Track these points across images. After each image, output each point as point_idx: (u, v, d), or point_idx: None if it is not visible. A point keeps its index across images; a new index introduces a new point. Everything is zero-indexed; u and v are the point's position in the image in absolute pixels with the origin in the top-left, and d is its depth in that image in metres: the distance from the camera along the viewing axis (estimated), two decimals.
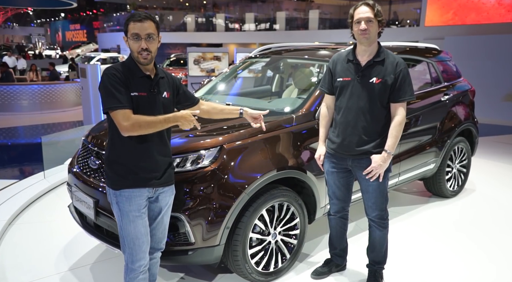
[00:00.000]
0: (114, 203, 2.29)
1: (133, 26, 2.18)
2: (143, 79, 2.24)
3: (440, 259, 3.43)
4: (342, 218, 3.02)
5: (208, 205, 2.65)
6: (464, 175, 4.80)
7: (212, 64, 12.63)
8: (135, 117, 2.13)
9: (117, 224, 2.32)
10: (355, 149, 2.67)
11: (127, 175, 2.25)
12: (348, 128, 2.67)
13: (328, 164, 2.86)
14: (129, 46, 2.23)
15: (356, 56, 2.65)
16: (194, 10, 31.04)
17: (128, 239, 2.29)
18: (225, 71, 4.61)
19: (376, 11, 2.50)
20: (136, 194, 2.26)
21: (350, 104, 2.65)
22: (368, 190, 2.75)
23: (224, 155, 2.76)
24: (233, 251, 2.80)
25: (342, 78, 2.68)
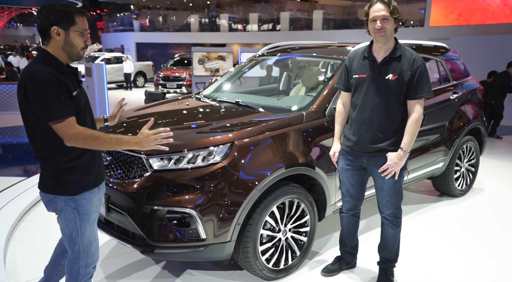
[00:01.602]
0: (70, 209, 2.12)
1: (83, 21, 2.04)
2: (71, 75, 2.09)
3: (449, 258, 3.42)
4: (354, 216, 3.00)
5: (220, 201, 2.65)
6: (472, 174, 4.78)
7: (216, 64, 12.65)
8: (80, 128, 1.99)
9: (69, 232, 2.16)
10: (371, 146, 2.65)
11: (86, 177, 2.14)
12: (364, 126, 2.65)
13: (343, 161, 2.84)
14: (71, 41, 2.02)
15: (372, 53, 2.63)
16: (198, 10, 31.09)
17: (85, 242, 2.18)
18: (232, 70, 4.61)
19: (392, 8, 2.46)
20: (94, 194, 2.19)
21: (365, 101, 2.63)
22: (383, 187, 2.73)
23: (235, 151, 2.76)
24: (244, 248, 2.80)
25: (358, 75, 2.66)
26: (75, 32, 2.02)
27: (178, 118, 3.50)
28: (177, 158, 2.72)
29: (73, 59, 2.09)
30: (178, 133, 3.02)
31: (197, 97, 4.02)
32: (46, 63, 2.00)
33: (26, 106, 1.99)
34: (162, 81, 15.12)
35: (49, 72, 1.95)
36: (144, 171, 2.73)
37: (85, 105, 2.16)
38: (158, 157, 2.72)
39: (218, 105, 3.64)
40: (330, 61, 4.03)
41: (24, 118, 2.05)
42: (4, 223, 3.64)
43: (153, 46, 27.15)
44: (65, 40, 2.01)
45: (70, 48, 2.03)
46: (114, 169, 2.88)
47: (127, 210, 2.70)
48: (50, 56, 2.03)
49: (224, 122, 3.12)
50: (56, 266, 2.53)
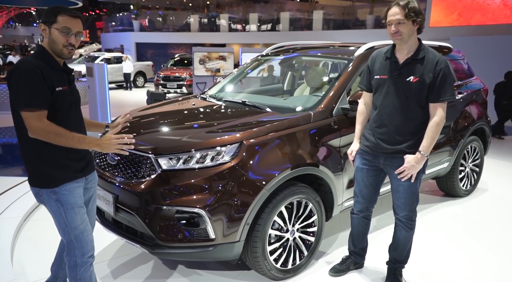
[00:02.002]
0: (53, 201, 2.20)
1: (66, 19, 2.12)
2: (61, 72, 2.18)
3: (455, 258, 3.42)
4: (364, 218, 2.98)
5: (229, 201, 2.65)
6: (476, 174, 4.79)
7: (217, 64, 12.64)
8: (47, 122, 2.05)
9: (58, 223, 2.24)
10: (388, 147, 2.63)
11: (64, 169, 2.20)
12: (382, 127, 2.64)
13: (360, 160, 2.82)
14: (53, 38, 2.13)
15: (395, 54, 2.60)
16: (197, 10, 31.08)
17: (76, 232, 2.24)
18: (236, 71, 4.61)
19: (407, 11, 2.41)
20: (75, 185, 2.24)
21: (385, 103, 2.61)
22: (398, 189, 2.70)
23: (244, 151, 2.75)
24: (253, 248, 2.80)
25: (379, 76, 2.65)
26: (55, 29, 2.12)
27: (185, 118, 3.49)
28: (186, 157, 2.72)
29: (58, 56, 2.17)
30: (187, 133, 3.03)
31: (202, 97, 4.02)
32: (38, 57, 2.13)
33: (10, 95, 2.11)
34: (163, 81, 15.09)
35: (35, 64, 2.06)
36: (152, 171, 2.73)
37: (72, 105, 2.22)
38: (167, 157, 2.72)
39: (224, 105, 3.64)
40: (335, 61, 4.03)
41: (12, 109, 2.15)
42: (10, 223, 3.63)
43: (153, 46, 27.11)
44: (49, 37, 2.14)
45: (52, 45, 2.14)
46: (122, 169, 2.87)
47: (136, 210, 2.69)
48: (43, 51, 2.16)
49: (232, 122, 3.11)
50: (62, 262, 2.54)
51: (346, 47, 4.09)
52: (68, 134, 2.10)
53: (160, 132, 3.15)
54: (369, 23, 21.66)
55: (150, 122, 3.34)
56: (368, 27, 21.58)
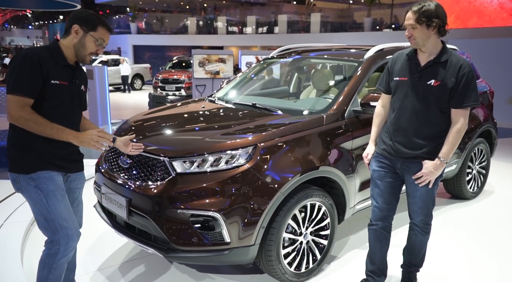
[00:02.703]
0: (32, 188, 2.18)
1: (105, 32, 2.24)
2: (65, 68, 2.22)
3: (469, 261, 3.42)
4: (383, 230, 2.75)
5: (244, 204, 2.63)
6: (483, 176, 4.79)
7: (217, 67, 12.61)
8: (28, 110, 2.06)
9: (40, 211, 2.20)
10: (406, 151, 2.54)
11: (42, 158, 2.19)
12: (400, 130, 2.55)
13: (375, 163, 2.73)
14: (84, 43, 2.21)
15: (417, 56, 2.52)
16: (195, 13, 31.08)
17: (60, 219, 2.20)
18: (244, 72, 4.60)
19: (418, 15, 2.36)
20: (55, 174, 2.23)
21: (404, 106, 2.53)
22: (415, 194, 2.60)
23: (258, 154, 2.74)
24: (267, 251, 2.78)
25: (398, 78, 2.57)
26: (91, 37, 2.20)
27: (197, 121, 3.48)
28: (200, 160, 2.70)
29: (78, 58, 2.24)
30: (200, 136, 3.01)
31: (210, 100, 4.00)
32: (46, 49, 2.19)
33: None
34: (161, 83, 15.04)
35: (36, 53, 2.10)
36: (166, 174, 2.71)
37: (67, 102, 2.23)
38: (181, 160, 2.70)
39: (234, 107, 3.62)
40: (345, 63, 4.03)
41: None
42: (18, 227, 3.59)
43: (150, 48, 27.06)
44: (80, 39, 2.20)
45: (80, 48, 2.21)
46: (135, 172, 2.84)
47: (150, 214, 2.66)
48: (55, 46, 2.21)
49: (245, 125, 3.10)
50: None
51: (355, 49, 4.09)
52: (47, 124, 2.09)
53: (173, 135, 3.12)
54: (366, 25, 21.73)
55: (162, 125, 3.31)
56: (365, 29, 21.63)
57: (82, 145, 2.18)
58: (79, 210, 2.51)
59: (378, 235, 2.77)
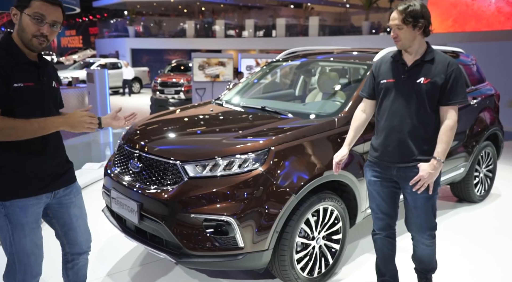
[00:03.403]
0: (1, 215, 1.90)
1: (41, 5, 1.83)
2: (27, 66, 1.89)
3: (478, 264, 3.39)
4: (389, 238, 2.68)
5: (258, 209, 2.60)
6: (490, 180, 4.79)
7: (217, 70, 12.60)
8: (2, 118, 1.76)
9: (3, 239, 1.95)
10: (401, 156, 2.44)
11: (20, 181, 1.90)
12: (393, 133, 2.45)
13: (370, 173, 2.61)
14: (23, 25, 1.84)
15: (402, 56, 2.46)
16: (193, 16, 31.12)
17: (21, 254, 1.94)
18: (250, 75, 4.58)
19: (404, 15, 2.30)
20: (32, 202, 1.93)
21: (395, 108, 2.44)
22: (416, 204, 2.47)
23: (271, 158, 2.71)
24: (280, 256, 2.74)
25: (386, 80, 2.48)
26: (26, 16, 1.83)
27: (207, 124, 3.45)
28: (213, 164, 2.67)
29: (27, 47, 1.88)
30: (212, 139, 2.99)
31: (218, 103, 3.97)
32: (2, 45, 1.87)
33: None
34: (160, 87, 14.98)
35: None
36: (179, 178, 2.67)
37: (41, 103, 1.94)
38: (193, 164, 2.67)
39: (243, 111, 3.60)
40: (354, 66, 4.01)
41: None
42: None
43: (148, 52, 27.04)
44: (19, 23, 1.86)
45: (21, 33, 1.86)
46: (146, 176, 2.81)
47: (163, 218, 2.63)
48: (8, 40, 1.88)
49: (256, 128, 3.07)
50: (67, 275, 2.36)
51: (363, 52, 4.08)
52: (24, 123, 1.79)
53: (185, 138, 3.09)
54: (364, 29, 21.83)
55: (172, 129, 3.27)
56: (363, 33, 21.72)
57: (74, 130, 1.92)
58: (81, 224, 2.23)
59: (384, 243, 2.70)
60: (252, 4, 30.86)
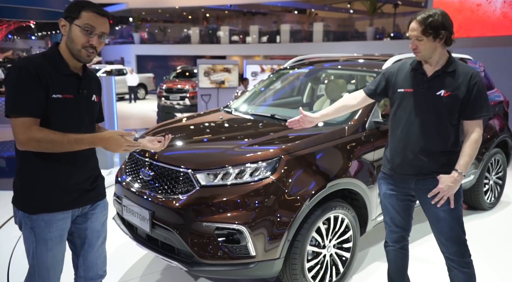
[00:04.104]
0: (27, 228, 1.90)
1: (91, 16, 1.84)
2: (69, 78, 1.88)
3: (490, 272, 3.37)
4: (402, 249, 2.60)
5: (269, 217, 2.60)
6: (500, 187, 4.76)
7: (222, 76, 12.64)
8: (36, 130, 1.75)
9: (27, 250, 1.96)
10: (418, 169, 2.34)
11: (48, 194, 1.88)
12: (410, 146, 2.35)
13: (385, 186, 2.51)
14: (72, 36, 1.84)
15: (422, 65, 2.36)
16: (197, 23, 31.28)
17: (41, 268, 1.94)
18: (259, 83, 4.60)
19: (424, 27, 2.19)
20: (57, 217, 1.91)
21: (412, 119, 2.34)
22: (438, 217, 2.35)
23: (283, 166, 2.72)
24: (292, 265, 2.74)
25: (403, 89, 2.38)
26: (76, 27, 1.83)
27: (217, 132, 3.46)
28: (224, 173, 2.67)
29: (76, 58, 1.88)
30: (223, 147, 2.99)
31: (227, 111, 3.98)
32: (45, 56, 1.87)
33: None
34: (165, 93, 15.10)
35: (33, 62, 1.79)
36: (191, 187, 2.68)
37: (78, 117, 1.93)
38: (205, 172, 2.68)
39: (253, 118, 3.61)
40: (362, 74, 4.02)
41: None
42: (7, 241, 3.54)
43: (153, 58, 27.19)
44: (68, 34, 1.85)
45: (70, 44, 1.86)
46: (158, 184, 2.82)
47: (175, 227, 2.63)
48: (55, 52, 1.88)
49: (266, 136, 3.08)
50: None
51: (371, 60, 4.09)
52: (62, 138, 1.77)
53: (196, 147, 3.10)
54: (369, 35, 21.86)
55: (182, 137, 3.28)
56: (368, 39, 21.75)
57: (108, 149, 1.86)
58: (100, 243, 2.17)
59: (397, 255, 2.63)
60: (256, 10, 30.98)
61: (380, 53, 19.70)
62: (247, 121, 3.58)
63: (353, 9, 29.70)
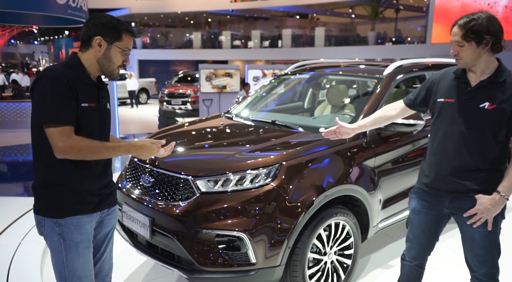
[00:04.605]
0: (55, 235, 1.90)
1: (130, 40, 1.97)
2: (90, 87, 1.93)
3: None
4: (418, 267, 2.46)
5: (270, 224, 2.59)
6: None
7: (224, 81, 12.67)
8: (76, 139, 1.81)
9: (55, 263, 1.95)
10: (454, 185, 2.16)
11: (75, 198, 1.92)
12: (445, 159, 2.18)
13: (417, 202, 2.36)
14: (111, 56, 1.93)
15: (466, 74, 2.16)
16: (199, 28, 31.40)
17: (73, 278, 1.92)
18: (260, 88, 4.60)
19: (464, 31, 2.01)
20: (86, 219, 1.95)
21: (450, 131, 2.16)
22: (473, 238, 2.16)
23: (283, 173, 2.71)
24: (292, 272, 2.73)
25: (443, 99, 2.20)
26: (117, 48, 1.93)
27: (218, 138, 3.45)
28: (225, 179, 2.67)
29: (106, 74, 1.98)
30: (224, 154, 2.99)
31: (227, 117, 3.98)
32: (68, 67, 1.90)
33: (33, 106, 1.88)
34: (167, 97, 15.12)
35: (63, 73, 1.84)
36: (191, 193, 2.67)
37: (99, 125, 1.99)
38: (205, 179, 2.67)
39: (254, 124, 3.60)
40: (363, 80, 4.02)
41: (32, 122, 1.92)
42: (36, 245, 3.54)
43: (155, 63, 27.26)
44: (105, 53, 1.93)
45: (106, 62, 1.94)
46: (158, 191, 2.81)
47: (175, 234, 2.62)
48: (77, 62, 1.93)
49: (267, 142, 3.08)
50: None
51: (372, 66, 4.09)
52: (101, 146, 1.87)
53: (196, 153, 3.10)
54: (370, 39, 21.89)
55: (183, 143, 3.28)
56: (370, 43, 21.78)
57: (139, 156, 2.04)
58: (109, 248, 2.21)
59: (412, 271, 2.49)
60: (258, 15, 31.07)
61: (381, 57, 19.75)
62: (248, 127, 3.58)
63: (355, 14, 29.75)
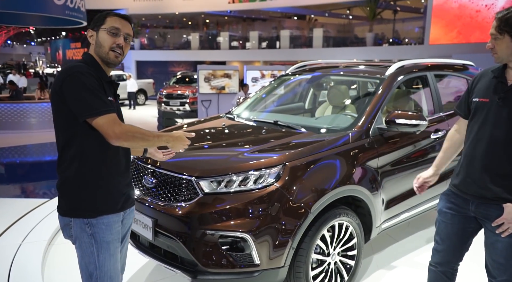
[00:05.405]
0: (86, 236, 1.89)
1: (115, 19, 1.94)
2: (108, 84, 1.96)
3: None
4: (443, 274, 2.33)
5: (274, 225, 2.58)
6: None
7: (222, 82, 12.66)
8: (127, 124, 1.85)
9: (85, 265, 1.93)
10: (481, 190, 2.06)
11: (106, 197, 1.92)
12: (474, 163, 2.08)
13: (444, 203, 2.28)
14: (100, 41, 1.92)
15: (504, 72, 2.04)
16: (197, 29, 31.37)
17: (104, 278, 1.92)
18: (260, 89, 4.59)
19: (498, 23, 1.92)
20: (115, 219, 1.95)
21: (481, 133, 2.06)
22: (496, 246, 2.06)
23: (287, 173, 2.69)
24: (296, 273, 2.71)
25: (478, 99, 2.10)
26: (103, 31, 1.92)
27: (220, 139, 3.43)
28: (228, 180, 2.65)
29: (105, 61, 1.95)
30: (227, 155, 2.97)
31: (229, 117, 3.97)
32: (88, 63, 1.92)
33: (56, 105, 1.87)
34: (165, 98, 15.09)
35: (89, 69, 1.86)
36: (194, 194, 2.66)
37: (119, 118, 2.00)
38: (209, 180, 2.66)
39: (256, 125, 3.59)
40: (365, 80, 4.02)
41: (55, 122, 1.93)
42: (36, 247, 3.52)
43: (153, 64, 27.23)
44: (96, 41, 1.94)
45: (99, 49, 1.93)
46: (161, 192, 2.80)
47: (178, 235, 2.61)
48: (92, 59, 1.95)
49: (270, 143, 3.06)
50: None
51: (374, 66, 4.08)
52: (148, 134, 1.88)
53: (199, 154, 3.08)
54: (368, 40, 21.93)
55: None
56: (368, 44, 21.81)
57: (174, 148, 2.05)
58: (125, 247, 2.21)
59: (437, 278, 2.37)
60: (256, 16, 31.07)
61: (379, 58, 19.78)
62: (250, 127, 3.57)
63: (353, 15, 29.82)
